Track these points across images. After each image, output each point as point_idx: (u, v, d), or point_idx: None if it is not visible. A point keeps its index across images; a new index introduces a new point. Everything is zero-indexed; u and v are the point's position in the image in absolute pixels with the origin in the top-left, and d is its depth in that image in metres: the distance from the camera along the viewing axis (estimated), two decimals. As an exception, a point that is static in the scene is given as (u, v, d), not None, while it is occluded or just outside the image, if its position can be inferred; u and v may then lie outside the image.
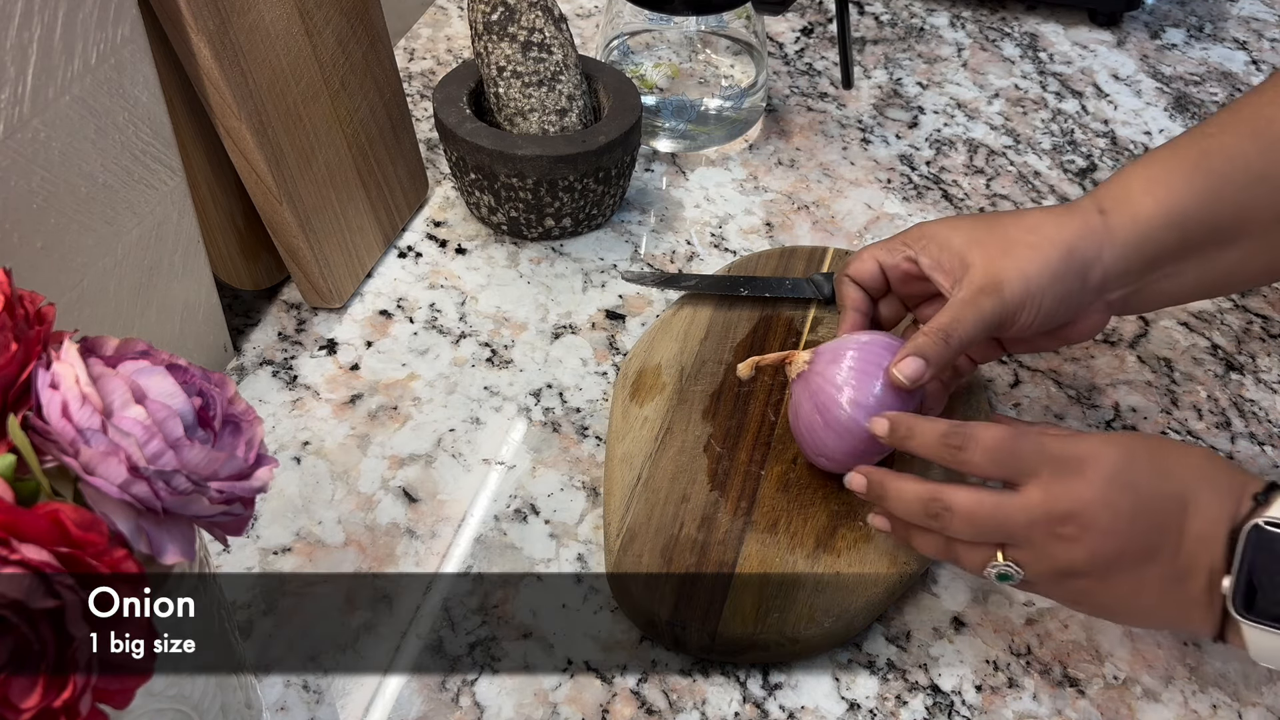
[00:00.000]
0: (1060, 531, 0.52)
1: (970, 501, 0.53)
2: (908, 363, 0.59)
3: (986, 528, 0.53)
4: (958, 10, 1.10)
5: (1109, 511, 0.51)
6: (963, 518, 0.53)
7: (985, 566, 0.54)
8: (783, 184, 0.89)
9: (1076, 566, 0.52)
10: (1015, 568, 0.53)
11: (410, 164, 0.84)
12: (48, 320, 0.40)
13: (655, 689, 0.58)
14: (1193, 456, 0.53)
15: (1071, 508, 0.51)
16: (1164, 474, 0.52)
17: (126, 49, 0.58)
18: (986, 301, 0.59)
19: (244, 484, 0.41)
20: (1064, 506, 0.51)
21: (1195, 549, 0.51)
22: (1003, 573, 0.54)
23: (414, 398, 0.71)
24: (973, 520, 0.53)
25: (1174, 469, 0.52)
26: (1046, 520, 0.52)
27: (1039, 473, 0.52)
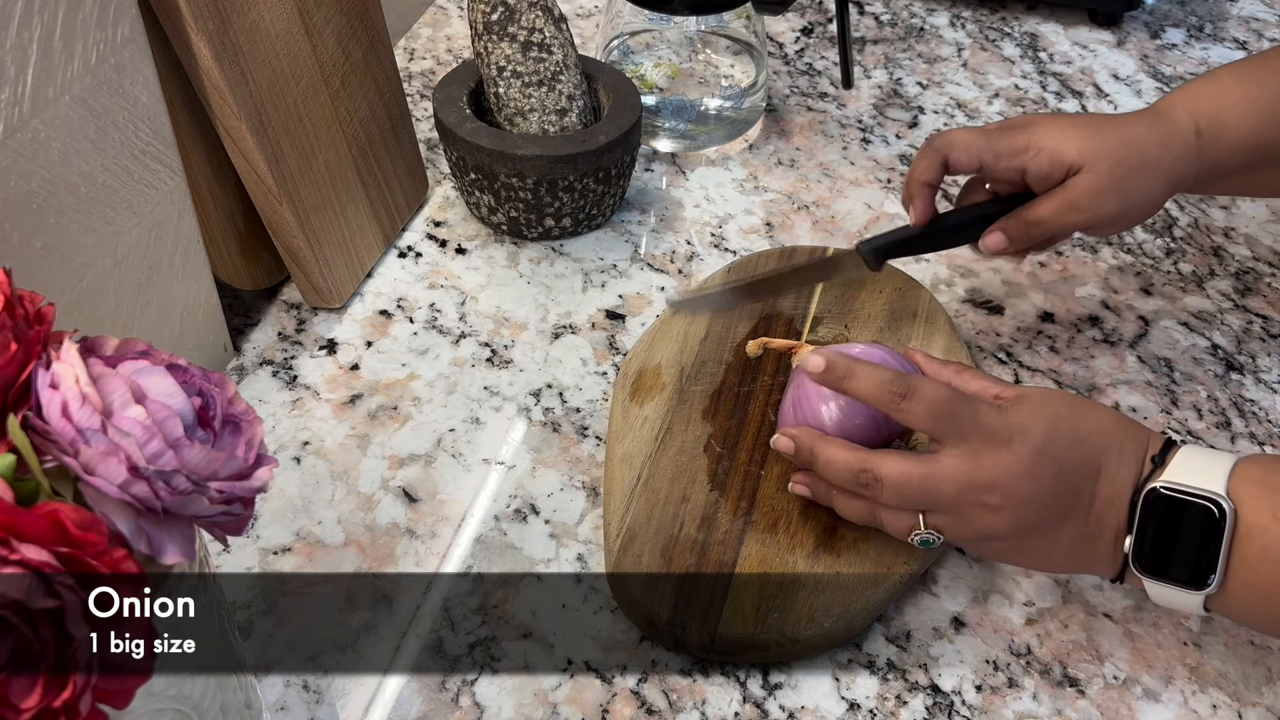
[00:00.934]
0: (984, 500, 0.54)
1: (899, 472, 0.55)
2: (995, 238, 0.68)
3: (914, 497, 0.55)
4: (958, 10, 1.10)
5: (1032, 482, 0.53)
6: (891, 487, 0.55)
7: (909, 533, 0.56)
8: (783, 184, 0.89)
9: (997, 531, 0.55)
10: (936, 534, 0.56)
11: (410, 164, 0.84)
12: (48, 320, 0.40)
13: (655, 689, 0.58)
14: (1104, 420, 0.56)
15: (996, 479, 0.53)
16: (1080, 442, 0.55)
17: (126, 49, 0.58)
18: (1080, 218, 0.66)
19: (244, 484, 0.41)
20: (989, 476, 0.54)
21: (1104, 511, 0.54)
22: (925, 539, 0.56)
23: (414, 398, 0.71)
24: (901, 490, 0.55)
25: (1089, 436, 0.55)
26: (972, 489, 0.54)
27: (969, 439, 0.54)
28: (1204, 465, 0.53)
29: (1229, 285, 0.82)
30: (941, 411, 0.55)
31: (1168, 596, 0.54)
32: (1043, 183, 0.67)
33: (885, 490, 0.55)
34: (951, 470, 0.54)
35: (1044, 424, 0.54)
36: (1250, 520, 0.51)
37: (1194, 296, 0.81)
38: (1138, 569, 0.53)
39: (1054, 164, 0.66)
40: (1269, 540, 0.51)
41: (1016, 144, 0.67)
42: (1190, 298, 0.81)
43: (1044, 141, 0.66)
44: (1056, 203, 0.66)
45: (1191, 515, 0.52)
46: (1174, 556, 0.52)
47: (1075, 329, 0.78)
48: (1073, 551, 0.55)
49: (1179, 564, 0.52)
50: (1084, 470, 0.54)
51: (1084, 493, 0.54)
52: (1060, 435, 0.54)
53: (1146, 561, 0.53)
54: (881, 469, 0.55)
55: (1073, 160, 0.65)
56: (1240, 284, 0.83)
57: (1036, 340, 0.77)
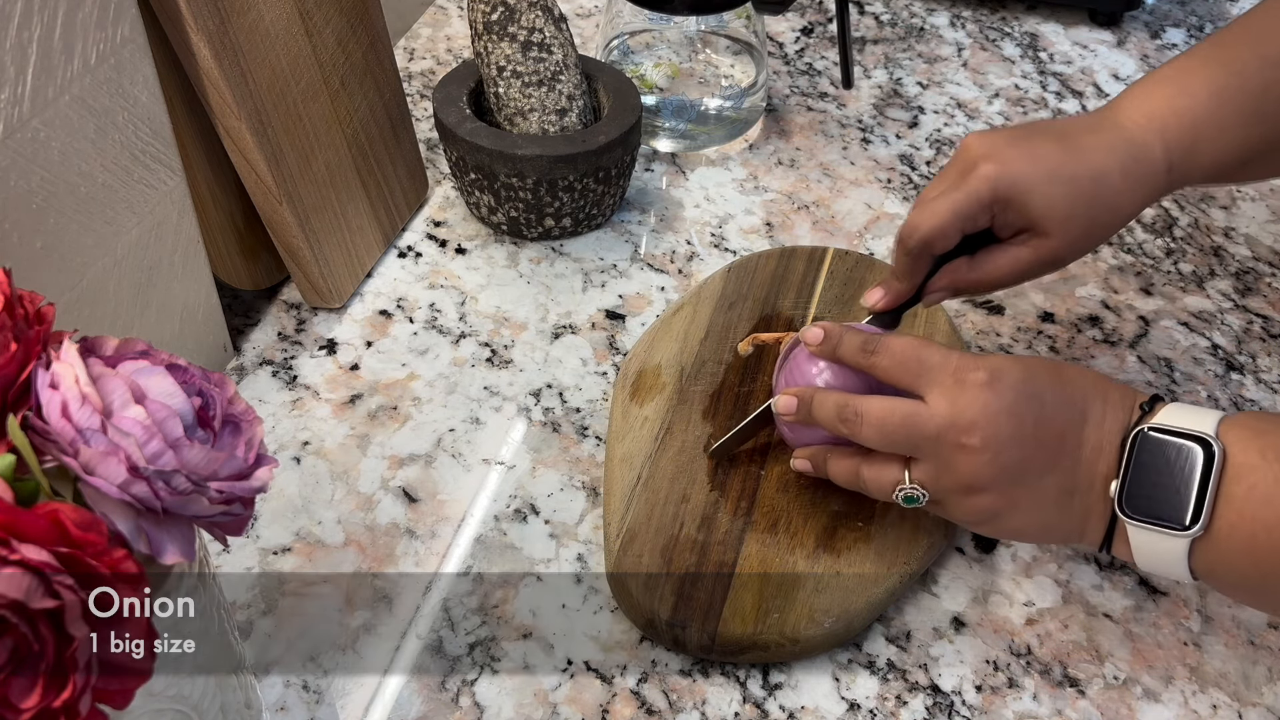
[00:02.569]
0: (965, 441, 0.53)
1: (881, 407, 0.55)
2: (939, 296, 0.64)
3: (896, 436, 0.55)
4: (958, 10, 1.10)
5: (1014, 420, 0.53)
6: (873, 423, 0.55)
7: (894, 489, 0.55)
8: (783, 184, 0.89)
9: (981, 479, 0.53)
10: (921, 489, 0.55)
11: (410, 164, 0.84)
12: (47, 320, 0.40)
13: (655, 689, 0.58)
14: (1089, 373, 0.56)
15: (977, 416, 0.53)
16: (1062, 384, 0.54)
17: (126, 49, 0.58)
18: (1039, 274, 0.63)
19: (244, 484, 0.41)
20: (970, 415, 0.53)
21: (1092, 458, 0.53)
22: (909, 494, 0.55)
23: (414, 398, 0.71)
24: (883, 427, 0.55)
25: (1071, 381, 0.54)
26: (953, 429, 0.53)
27: (944, 382, 0.54)
28: (1194, 413, 0.53)
29: (1229, 285, 0.82)
30: (909, 358, 0.55)
31: (1153, 547, 0.52)
32: (1006, 230, 0.62)
33: (866, 426, 0.55)
34: (933, 410, 0.53)
35: (1021, 366, 0.54)
36: (1239, 460, 0.51)
37: (1194, 296, 0.81)
38: (1123, 511, 0.52)
39: (1021, 218, 0.61)
40: (1256, 480, 0.50)
41: (984, 198, 0.60)
42: (1190, 298, 0.81)
43: (1012, 194, 0.60)
44: (1018, 264, 0.62)
45: (1180, 455, 0.51)
46: (1160, 497, 0.51)
47: (1075, 329, 0.78)
48: (1061, 507, 0.54)
49: (1165, 506, 0.51)
50: (1068, 412, 0.53)
51: (1070, 438, 0.53)
52: (1040, 376, 0.54)
53: (1132, 503, 0.52)
54: (864, 403, 0.55)
55: (1040, 222, 0.60)
56: (1240, 284, 0.82)
57: (1036, 340, 0.77)
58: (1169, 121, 0.62)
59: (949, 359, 0.54)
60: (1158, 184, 0.63)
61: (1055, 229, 0.60)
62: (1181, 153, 0.62)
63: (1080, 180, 0.60)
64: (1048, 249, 0.61)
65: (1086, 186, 0.61)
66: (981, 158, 0.60)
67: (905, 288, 0.64)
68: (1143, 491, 0.52)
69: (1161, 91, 0.63)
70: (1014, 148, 0.61)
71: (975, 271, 0.63)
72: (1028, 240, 0.61)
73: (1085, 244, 0.63)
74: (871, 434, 0.55)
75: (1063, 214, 0.60)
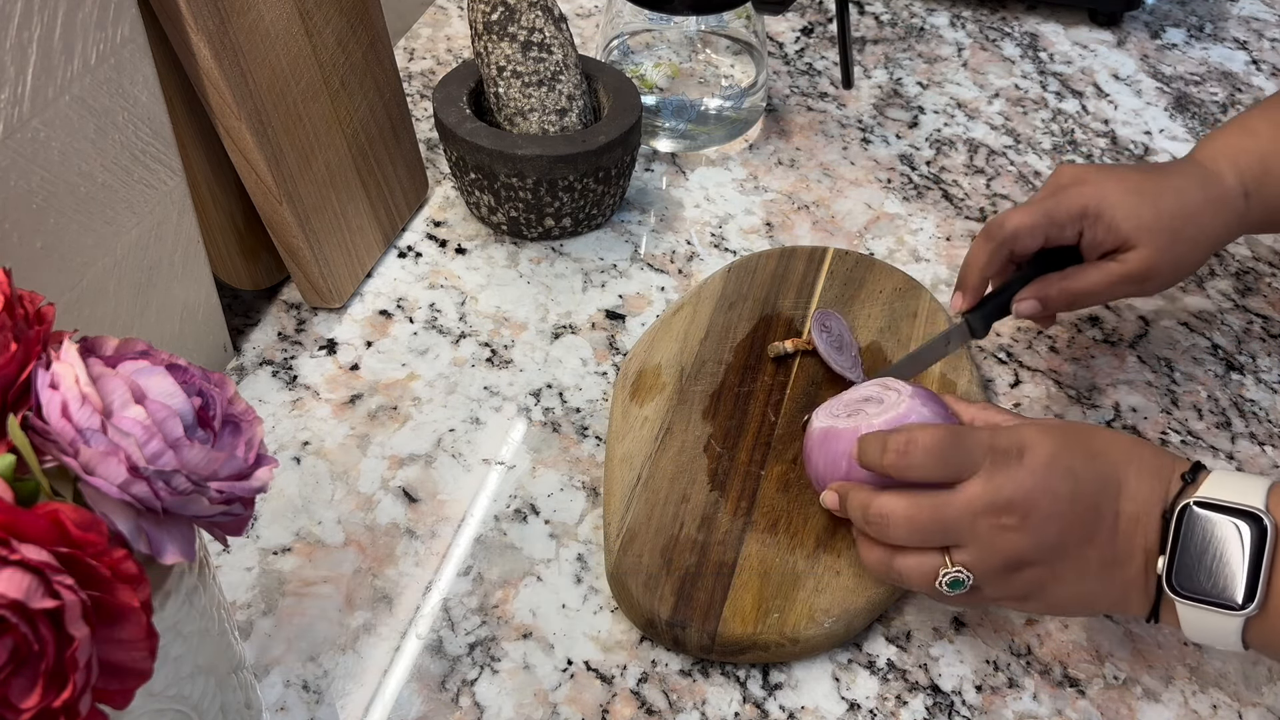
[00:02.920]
0: (1003, 522, 0.52)
1: (907, 505, 0.53)
2: (1029, 304, 0.66)
3: (929, 529, 0.53)
4: (958, 10, 1.10)
5: (1049, 496, 0.52)
6: (900, 522, 0.53)
7: (935, 577, 0.53)
8: (783, 184, 0.89)
9: (1023, 555, 0.52)
10: (965, 572, 0.53)
11: (410, 164, 0.84)
12: (47, 320, 0.40)
13: (655, 689, 0.58)
14: (1121, 440, 0.55)
15: (1013, 495, 0.52)
16: (1095, 456, 0.53)
17: (126, 49, 0.58)
18: (1130, 289, 0.66)
19: (244, 484, 0.41)
20: (1006, 495, 0.52)
21: (1130, 530, 0.52)
22: (954, 579, 0.53)
23: (414, 398, 0.71)
24: (913, 523, 0.53)
25: (1104, 451, 0.54)
26: (989, 511, 0.52)
27: (979, 465, 0.53)
28: (1239, 483, 0.51)
29: (1229, 285, 0.82)
30: (942, 453, 0.53)
31: (1205, 623, 0.51)
32: (1094, 250, 0.66)
33: (894, 526, 0.53)
34: (966, 494, 0.52)
35: (1053, 438, 0.53)
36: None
37: (1194, 296, 0.81)
38: (1172, 590, 0.51)
39: (1109, 234, 0.65)
40: None
41: (1074, 209, 0.65)
42: (1190, 298, 0.81)
43: (1101, 208, 0.64)
44: (1109, 276, 0.65)
45: (1229, 532, 0.50)
46: (1211, 576, 0.50)
47: (1075, 329, 0.78)
48: (1103, 578, 0.53)
49: (1216, 584, 0.50)
50: (1102, 484, 0.52)
51: (1105, 510, 0.52)
52: (1072, 448, 0.53)
53: (1182, 582, 0.51)
54: (889, 505, 0.54)
55: (1129, 233, 0.64)
56: (1240, 284, 0.83)
57: (1037, 340, 0.77)
58: (1238, 157, 0.67)
59: (980, 442, 0.53)
60: (1237, 208, 0.66)
61: (1143, 239, 0.64)
62: (1254, 181, 0.66)
63: (1163, 195, 0.65)
64: (1136, 260, 0.64)
65: (1169, 200, 0.65)
66: (1074, 180, 0.66)
67: (980, 281, 0.66)
68: (1191, 569, 0.51)
69: (1225, 136, 0.69)
70: (1101, 172, 0.67)
71: (1065, 281, 0.66)
72: (1117, 256, 0.65)
73: (1171, 259, 0.65)
74: (903, 534, 0.54)
75: (1148, 223, 0.64)
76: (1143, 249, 0.64)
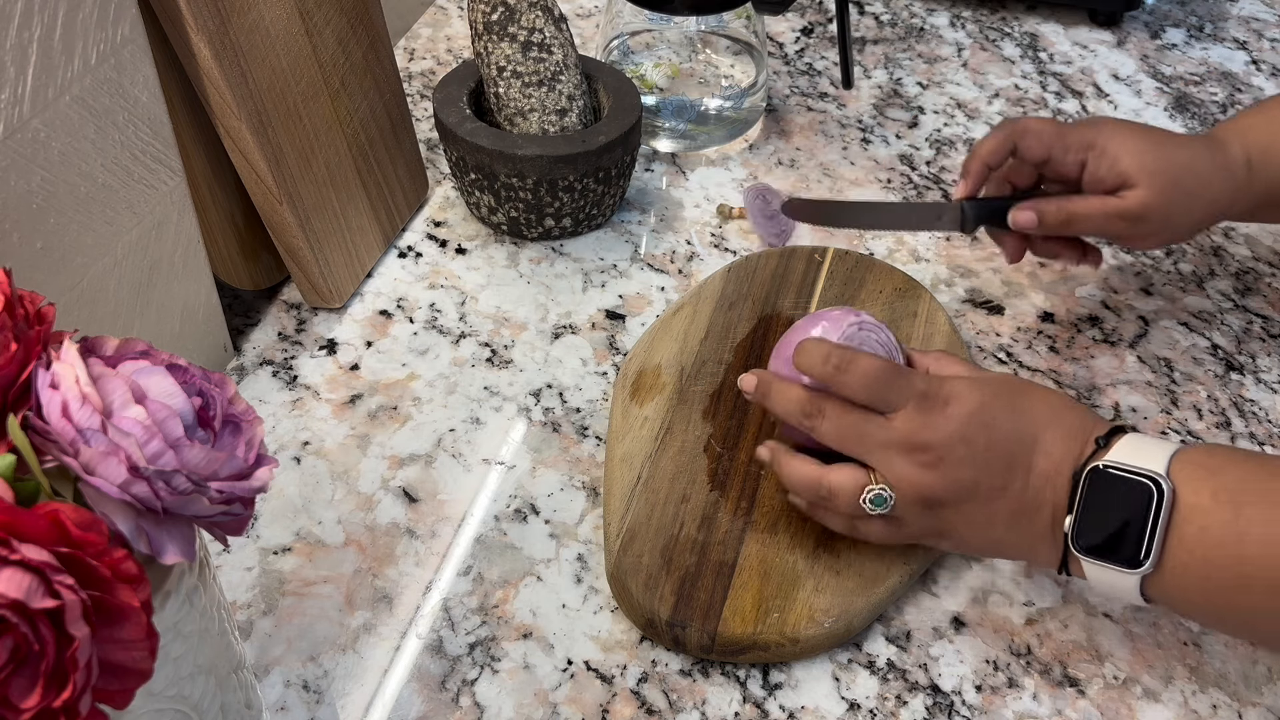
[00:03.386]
0: (918, 459, 0.55)
1: (842, 406, 0.57)
2: (1027, 214, 0.69)
3: (850, 435, 0.57)
4: (958, 10, 1.10)
5: (964, 444, 0.55)
6: (832, 419, 0.57)
7: (860, 493, 0.56)
8: (783, 184, 0.89)
9: (935, 493, 0.55)
10: (889, 491, 0.56)
11: (410, 164, 0.84)
12: (48, 320, 0.40)
13: (655, 689, 0.58)
14: (1050, 399, 0.57)
15: (930, 439, 0.55)
16: (1018, 412, 0.56)
17: (126, 49, 0.58)
18: (1121, 227, 0.68)
19: (244, 484, 0.41)
20: (924, 437, 0.55)
21: (1040, 485, 0.55)
22: (878, 495, 0.56)
23: (414, 398, 0.71)
24: (840, 424, 0.57)
25: (1028, 409, 0.56)
26: (906, 445, 0.55)
27: (904, 406, 0.56)
28: (1146, 448, 0.53)
29: (1229, 285, 0.82)
30: (876, 382, 0.56)
31: (1106, 580, 0.54)
32: (1096, 185, 0.68)
33: (826, 421, 0.57)
34: (890, 424, 0.56)
35: (980, 393, 0.56)
36: (1190, 501, 0.51)
37: (1194, 296, 0.81)
38: (1075, 548, 0.53)
39: (1111, 169, 0.67)
40: (1208, 522, 0.51)
41: (1085, 139, 0.68)
42: (1190, 298, 0.81)
43: (1108, 144, 0.67)
44: (1105, 207, 0.68)
45: (1130, 493, 0.52)
46: (1112, 536, 0.52)
47: (1075, 329, 0.78)
48: (1011, 528, 0.55)
49: (1117, 544, 0.52)
50: (1018, 438, 0.55)
51: (1018, 463, 0.55)
52: (995, 403, 0.56)
53: (1085, 541, 0.53)
54: (827, 403, 0.57)
55: (1130, 171, 0.67)
56: (1240, 284, 0.83)
57: (1036, 340, 0.77)
58: (1247, 131, 0.70)
59: (912, 384, 0.56)
60: (1238, 176, 0.68)
61: (1143, 179, 0.66)
62: (1260, 153, 0.69)
63: (1169, 145, 0.68)
64: (1134, 198, 0.67)
65: (1174, 150, 0.68)
66: (1095, 122, 0.69)
67: (978, 166, 0.70)
68: (1094, 529, 0.53)
69: (1242, 115, 0.72)
70: (1121, 123, 0.69)
71: (1064, 200, 0.68)
72: (1116, 192, 0.68)
73: (1165, 204, 0.67)
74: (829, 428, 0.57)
75: (1149, 165, 0.67)
76: (1141, 189, 0.67)
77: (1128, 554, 0.52)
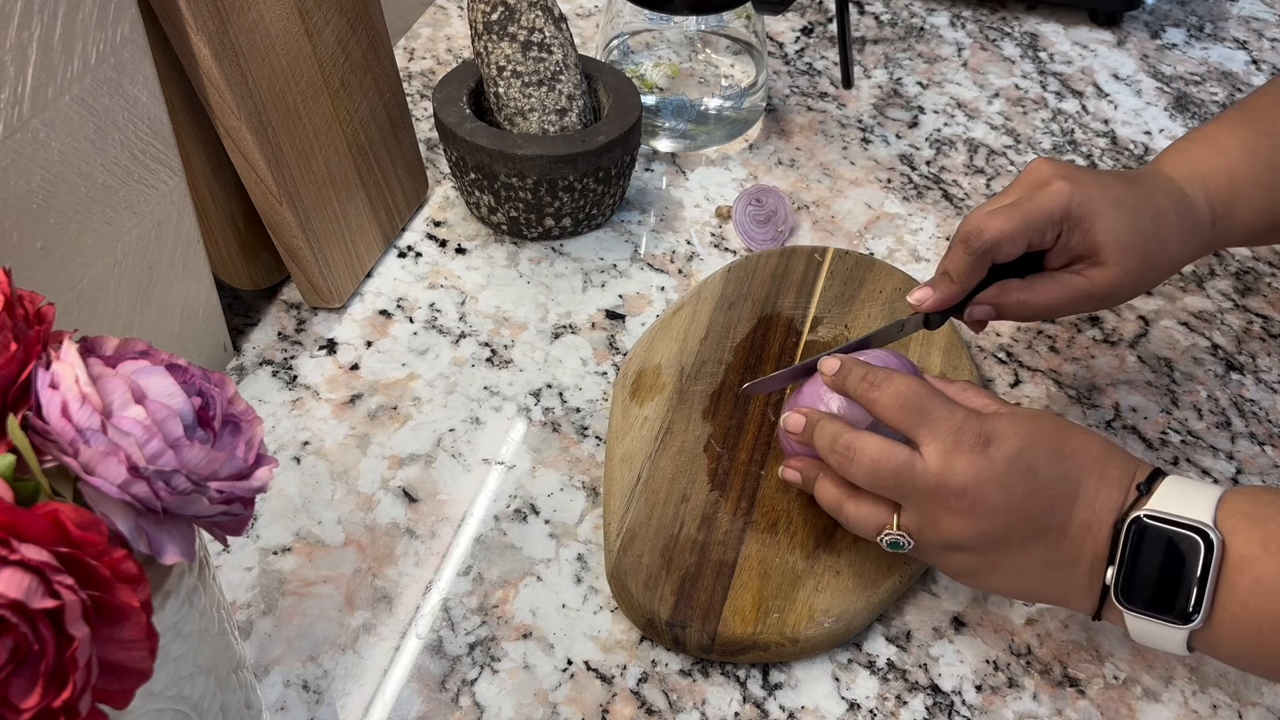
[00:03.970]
0: (952, 504, 0.52)
1: (877, 450, 0.54)
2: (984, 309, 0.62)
3: (886, 482, 0.54)
4: (958, 10, 1.10)
5: (1003, 490, 0.52)
6: (866, 463, 0.54)
7: (878, 532, 0.55)
8: (783, 184, 0.89)
9: (962, 540, 0.53)
10: (906, 537, 0.55)
11: (410, 164, 0.84)
12: (47, 320, 0.40)
13: (655, 689, 0.58)
14: (1091, 445, 0.54)
15: (967, 483, 0.52)
16: (1060, 458, 0.53)
17: (126, 49, 0.58)
18: (1088, 305, 0.63)
19: (244, 484, 0.41)
20: (961, 480, 0.52)
21: (1080, 535, 0.52)
22: (894, 540, 0.55)
23: (414, 398, 0.71)
24: (875, 470, 0.54)
25: (1071, 454, 0.53)
26: (942, 490, 0.52)
27: (942, 438, 0.53)
28: (1191, 495, 0.51)
29: (1229, 285, 0.82)
30: (910, 404, 0.54)
31: (1150, 632, 0.52)
32: (1062, 254, 0.62)
33: (859, 465, 0.54)
34: (927, 464, 0.53)
35: (1023, 434, 0.53)
36: (1240, 552, 0.49)
37: (1194, 296, 0.81)
38: (1120, 601, 0.51)
39: (1084, 243, 0.61)
40: (1260, 573, 0.49)
41: (1055, 212, 0.60)
42: (1190, 298, 0.81)
43: (1082, 215, 0.60)
44: (1071, 292, 0.62)
45: (1178, 546, 0.50)
46: (1158, 589, 0.50)
47: (1075, 329, 0.78)
48: (1044, 577, 0.53)
49: (1164, 597, 0.50)
50: (1060, 488, 0.52)
51: (1058, 512, 0.52)
52: (1038, 447, 0.53)
53: (1129, 594, 0.51)
54: (860, 441, 0.54)
55: (1102, 248, 0.61)
56: (1240, 284, 0.83)
57: (1036, 340, 0.77)
58: (1209, 179, 0.64)
59: (953, 414, 0.53)
60: (1204, 237, 0.64)
61: (1115, 258, 0.60)
62: (1223, 208, 0.64)
63: (1143, 213, 0.61)
64: (1103, 278, 0.61)
65: (1147, 222, 0.61)
66: (1055, 176, 0.61)
67: (958, 290, 0.62)
68: (1140, 582, 0.51)
69: (1197, 149, 0.65)
70: (1084, 173, 0.62)
71: (1026, 292, 0.62)
72: (1083, 269, 0.62)
73: (1137, 281, 0.62)
74: (862, 474, 0.55)
75: (1124, 242, 0.60)
76: (1112, 268, 0.61)
77: (1177, 608, 0.50)
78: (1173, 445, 0.71)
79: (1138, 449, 0.70)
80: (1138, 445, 0.71)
